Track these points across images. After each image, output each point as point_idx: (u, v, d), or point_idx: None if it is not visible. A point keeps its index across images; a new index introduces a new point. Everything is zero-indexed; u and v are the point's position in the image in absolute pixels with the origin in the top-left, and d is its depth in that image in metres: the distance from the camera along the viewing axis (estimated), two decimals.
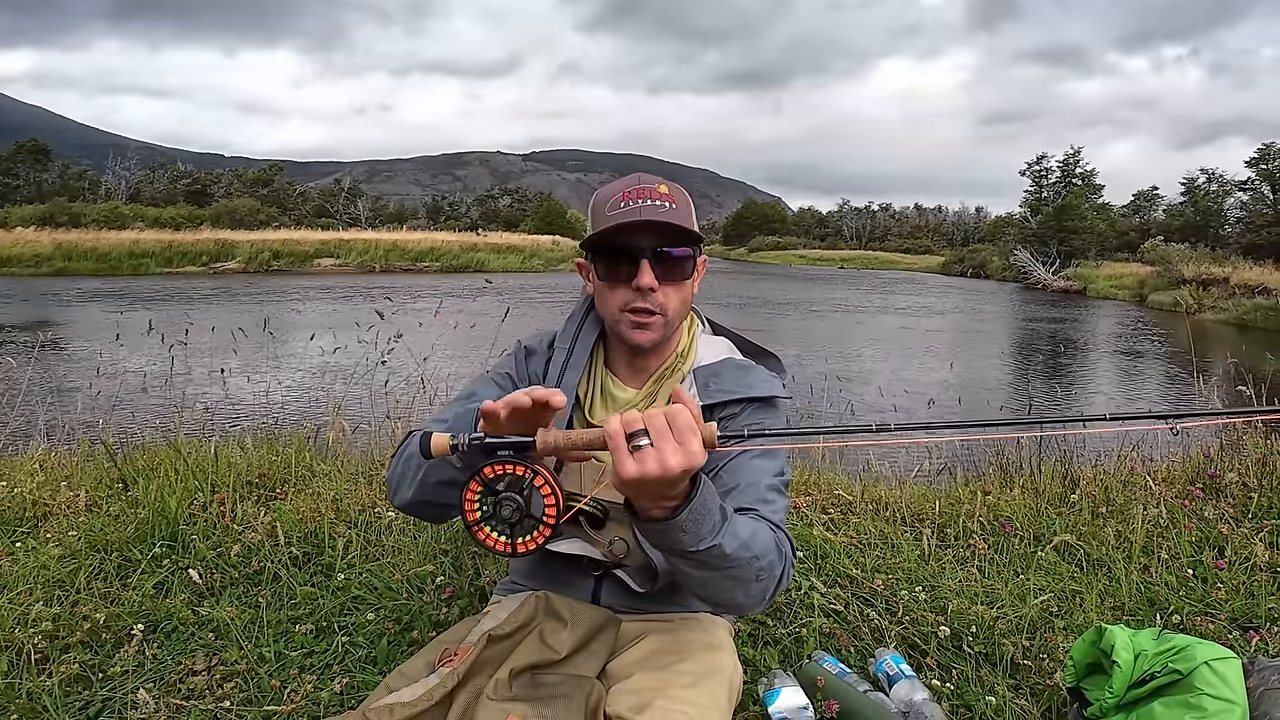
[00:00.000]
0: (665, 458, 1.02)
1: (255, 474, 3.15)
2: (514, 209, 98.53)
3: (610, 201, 1.42)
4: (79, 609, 2.18)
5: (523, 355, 1.61)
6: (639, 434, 1.03)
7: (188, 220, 51.22)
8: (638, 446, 1.02)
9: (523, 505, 1.11)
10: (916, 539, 2.84)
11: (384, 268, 36.28)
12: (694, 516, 1.11)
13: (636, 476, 1.02)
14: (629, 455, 1.02)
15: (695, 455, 1.03)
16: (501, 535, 1.13)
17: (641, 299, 1.41)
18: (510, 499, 1.11)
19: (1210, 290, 28.09)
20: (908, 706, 1.87)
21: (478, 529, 1.13)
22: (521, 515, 1.11)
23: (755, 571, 1.24)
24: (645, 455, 1.02)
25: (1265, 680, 1.68)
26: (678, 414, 1.04)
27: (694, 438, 1.03)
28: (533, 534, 1.12)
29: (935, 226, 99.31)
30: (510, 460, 1.10)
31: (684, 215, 1.41)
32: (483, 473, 1.10)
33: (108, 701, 1.87)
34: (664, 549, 1.18)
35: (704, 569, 1.19)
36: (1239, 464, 3.43)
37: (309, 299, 21.97)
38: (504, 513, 1.11)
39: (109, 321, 13.78)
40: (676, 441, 1.03)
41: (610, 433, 1.03)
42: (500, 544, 1.13)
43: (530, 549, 1.12)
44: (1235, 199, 52.28)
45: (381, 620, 2.19)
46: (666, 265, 1.41)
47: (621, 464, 1.03)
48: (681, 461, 1.02)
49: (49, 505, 2.87)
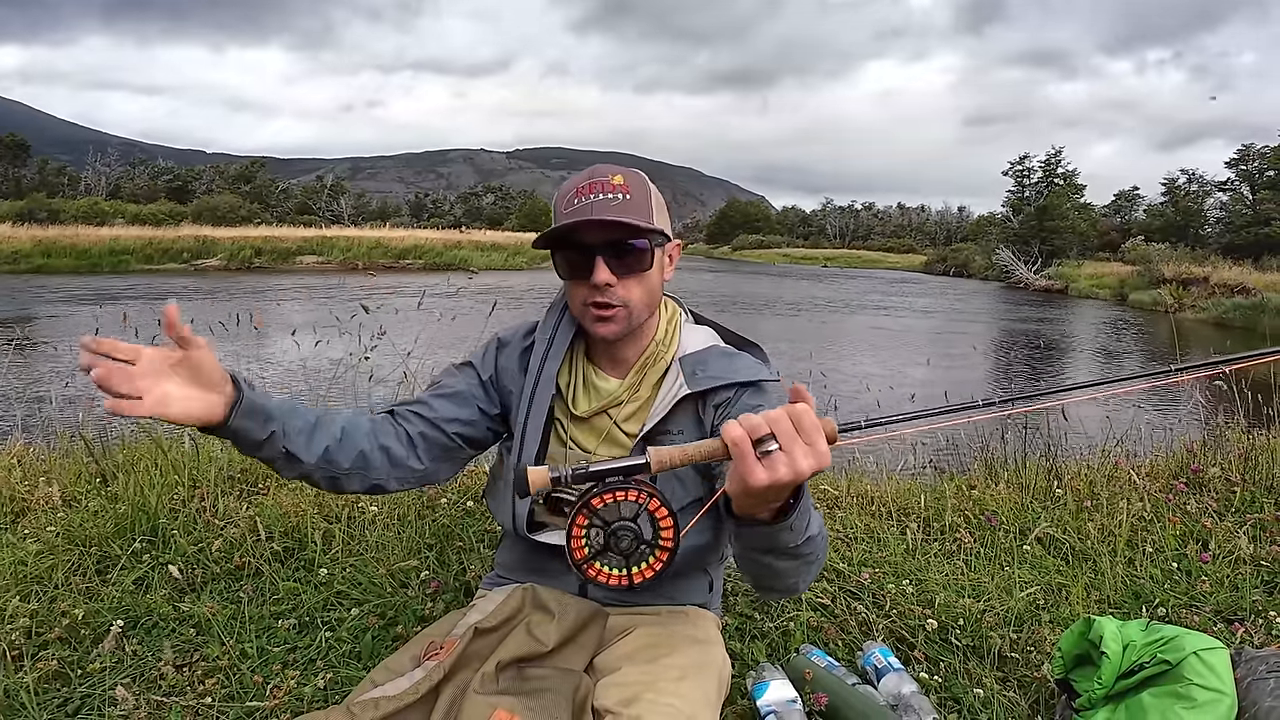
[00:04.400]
0: (797, 461, 0.95)
1: (236, 468, 3.11)
2: (498, 206, 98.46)
3: (565, 198, 1.41)
4: (57, 605, 2.14)
5: (494, 346, 1.60)
6: (766, 439, 0.96)
7: (168, 217, 50.72)
8: (766, 452, 0.95)
9: (638, 532, 1.05)
10: (903, 533, 2.85)
11: (367, 265, 36.02)
12: (801, 514, 1.07)
13: (768, 484, 0.95)
14: (757, 462, 0.95)
15: (824, 455, 0.96)
16: (616, 569, 1.07)
17: (601, 294, 1.39)
18: (626, 529, 1.04)
19: (1190, 289, 28.36)
20: (896, 699, 1.87)
21: (588, 566, 1.07)
22: (638, 544, 1.05)
23: (822, 550, 1.22)
24: (775, 461, 0.95)
25: (1253, 670, 1.68)
26: (803, 414, 0.97)
27: (821, 437, 0.97)
28: (649, 561, 1.07)
29: (918, 226, 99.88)
30: (621, 487, 1.03)
31: (639, 205, 1.39)
32: (590, 503, 1.03)
33: (86, 698, 1.84)
34: (763, 549, 1.13)
35: (793, 560, 1.15)
36: (1221, 458, 3.46)
37: (291, 296, 21.82)
38: (621, 545, 1.05)
39: (88, 317, 13.64)
40: (805, 443, 0.96)
41: (734, 439, 0.96)
42: (615, 578, 1.07)
43: (648, 577, 1.08)
44: (1215, 199, 52.89)
45: (365, 615, 2.16)
46: (622, 259, 1.39)
47: (750, 472, 0.95)
48: (814, 464, 0.96)
49: (27, 500, 2.83)
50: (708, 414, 1.47)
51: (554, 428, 1.54)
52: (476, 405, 1.55)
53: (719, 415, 1.45)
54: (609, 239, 1.38)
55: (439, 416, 1.51)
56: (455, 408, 1.53)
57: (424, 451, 1.49)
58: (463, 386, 1.56)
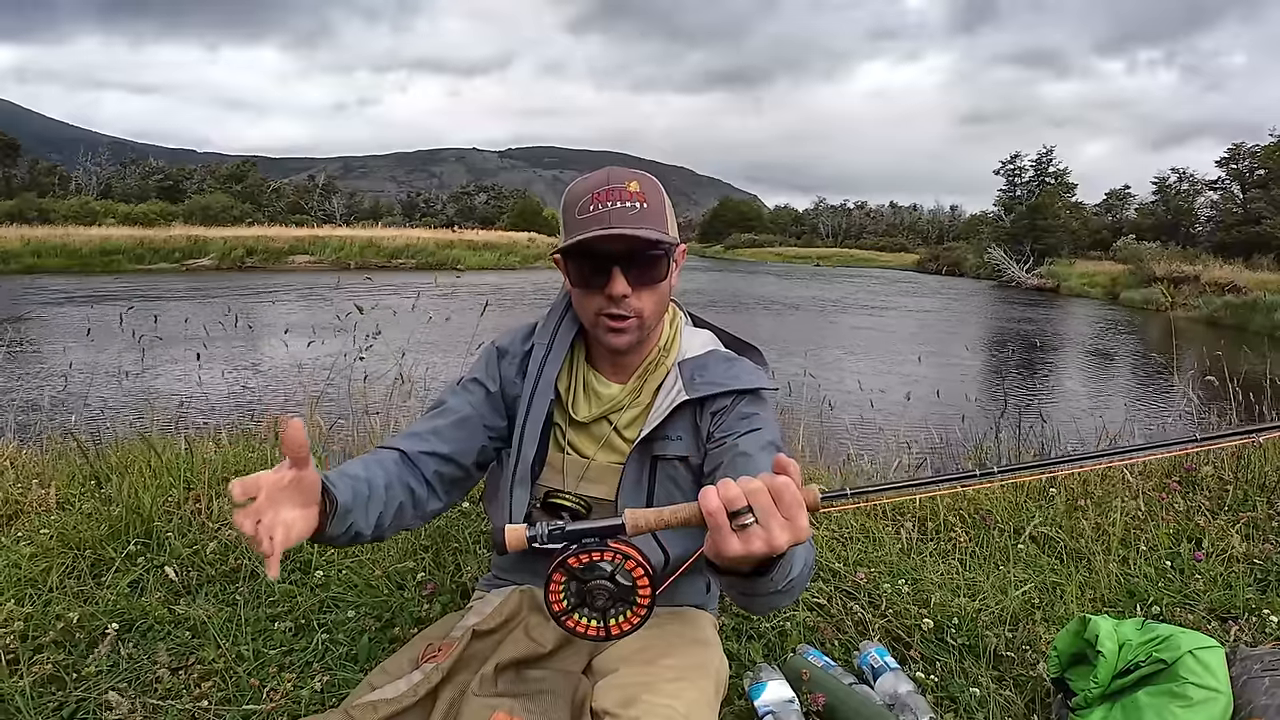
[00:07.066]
0: (774, 536, 0.92)
1: (231, 470, 3.10)
2: (490, 206, 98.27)
3: (580, 203, 1.37)
4: (51, 608, 2.13)
5: (494, 357, 1.58)
6: (743, 512, 0.93)
7: (160, 216, 50.52)
8: (743, 525, 0.93)
9: (614, 591, 1.06)
10: (898, 532, 2.85)
11: (359, 264, 35.96)
12: (781, 568, 1.04)
13: (741, 555, 0.93)
14: (732, 534, 0.93)
15: (803, 530, 0.94)
16: (594, 621, 1.07)
17: (615, 305, 1.38)
18: (601, 589, 1.05)
19: (1181, 288, 28.44)
20: (893, 699, 1.87)
21: (566, 618, 1.08)
22: (613, 601, 1.06)
23: (807, 577, 1.21)
24: (751, 535, 0.93)
25: (1248, 669, 1.69)
26: (784, 488, 0.93)
27: (801, 512, 0.94)
28: (627, 614, 1.07)
29: (910, 225, 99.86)
30: (597, 549, 1.04)
31: (656, 214, 1.37)
32: (567, 563, 1.04)
33: (82, 702, 1.83)
34: (742, 592, 1.10)
35: (773, 595, 1.12)
36: (1214, 457, 3.47)
37: (283, 295, 21.76)
38: (596, 602, 1.06)
39: (80, 318, 13.59)
40: (784, 517, 0.93)
41: (710, 511, 0.93)
42: (594, 630, 1.08)
43: (625, 630, 1.08)
44: (1206, 198, 52.99)
45: (362, 617, 2.16)
46: (640, 270, 1.37)
47: (724, 543, 0.93)
48: (790, 539, 0.93)
49: (20, 503, 2.81)
50: (705, 420, 1.46)
51: (553, 433, 1.53)
52: (483, 426, 1.53)
53: (715, 423, 1.45)
54: (627, 250, 1.35)
55: (452, 451, 1.48)
56: (465, 438, 1.51)
57: (442, 490, 1.48)
58: (468, 410, 1.52)
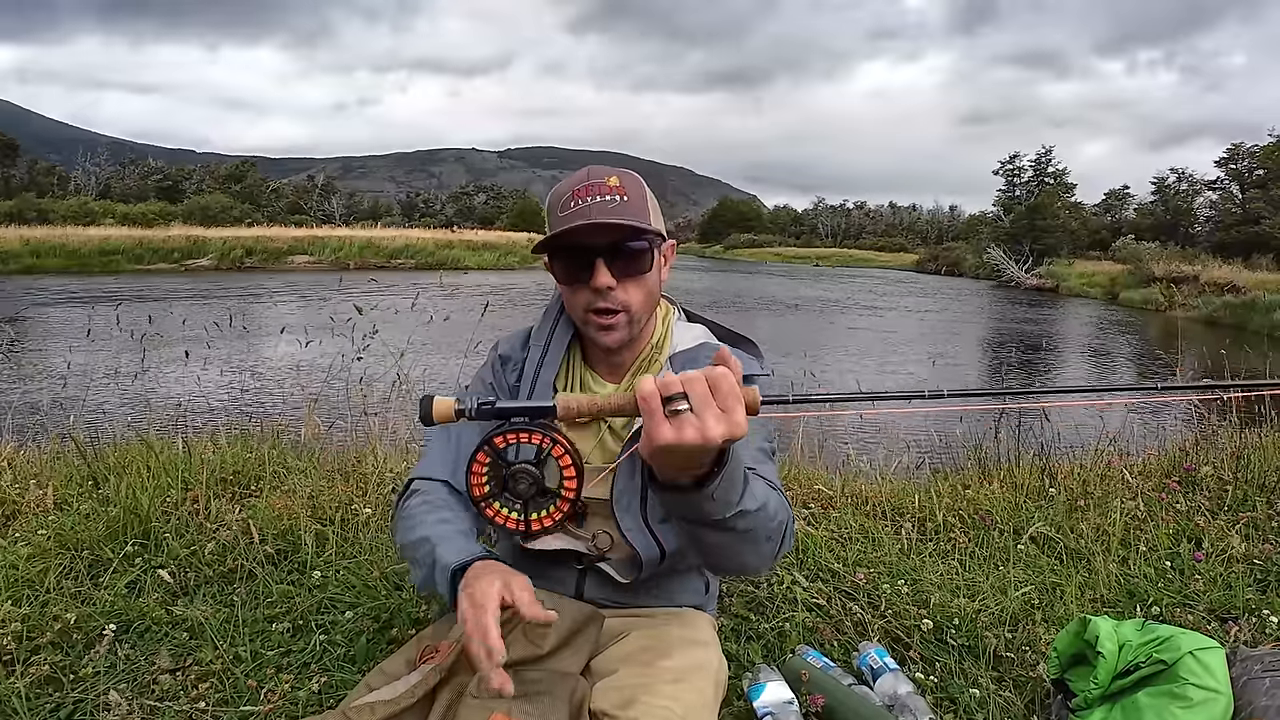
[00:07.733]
0: (707, 426, 0.90)
1: (229, 471, 3.10)
2: (489, 206, 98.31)
3: (561, 201, 1.37)
4: (49, 609, 2.13)
5: (498, 364, 1.57)
6: (677, 398, 0.91)
7: (159, 216, 50.50)
8: (675, 411, 0.91)
9: (539, 478, 1.01)
10: (897, 533, 2.85)
11: (358, 264, 35.93)
12: (725, 485, 1.02)
13: (673, 443, 0.91)
14: (665, 420, 0.91)
15: (739, 425, 0.92)
16: (513, 512, 1.03)
17: (602, 299, 1.37)
18: (525, 472, 1.01)
19: (1180, 288, 28.45)
20: (893, 700, 1.87)
21: (486, 505, 1.03)
22: (538, 489, 1.02)
23: (769, 531, 1.19)
24: (684, 422, 0.91)
25: (1248, 670, 1.69)
26: (721, 378, 0.92)
27: (739, 405, 0.92)
28: (549, 510, 1.03)
29: (909, 225, 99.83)
30: (525, 428, 0.99)
31: (636, 207, 1.37)
32: (493, 441, 1.00)
33: (79, 703, 1.82)
34: (687, 518, 1.09)
35: (724, 533, 1.12)
36: (1214, 457, 3.48)
37: (282, 296, 21.76)
38: (518, 487, 1.02)
39: (79, 318, 13.57)
40: (720, 408, 0.91)
41: (644, 395, 0.92)
42: (512, 521, 1.04)
43: (546, 526, 1.04)
44: (1205, 198, 53.09)
45: (360, 618, 2.16)
46: (623, 262, 1.37)
47: (656, 429, 0.91)
48: (724, 431, 0.91)
49: (18, 504, 2.81)
50: None
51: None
52: None
53: None
54: (608, 241, 1.35)
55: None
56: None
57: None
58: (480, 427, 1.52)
